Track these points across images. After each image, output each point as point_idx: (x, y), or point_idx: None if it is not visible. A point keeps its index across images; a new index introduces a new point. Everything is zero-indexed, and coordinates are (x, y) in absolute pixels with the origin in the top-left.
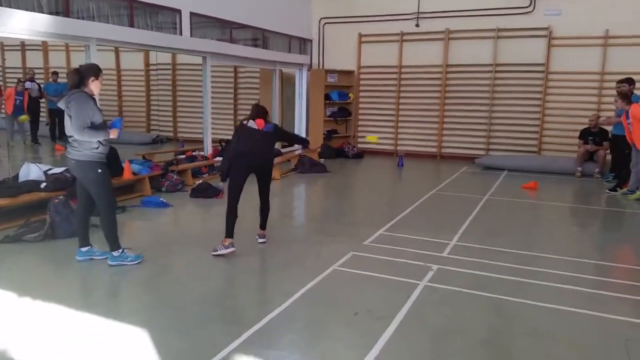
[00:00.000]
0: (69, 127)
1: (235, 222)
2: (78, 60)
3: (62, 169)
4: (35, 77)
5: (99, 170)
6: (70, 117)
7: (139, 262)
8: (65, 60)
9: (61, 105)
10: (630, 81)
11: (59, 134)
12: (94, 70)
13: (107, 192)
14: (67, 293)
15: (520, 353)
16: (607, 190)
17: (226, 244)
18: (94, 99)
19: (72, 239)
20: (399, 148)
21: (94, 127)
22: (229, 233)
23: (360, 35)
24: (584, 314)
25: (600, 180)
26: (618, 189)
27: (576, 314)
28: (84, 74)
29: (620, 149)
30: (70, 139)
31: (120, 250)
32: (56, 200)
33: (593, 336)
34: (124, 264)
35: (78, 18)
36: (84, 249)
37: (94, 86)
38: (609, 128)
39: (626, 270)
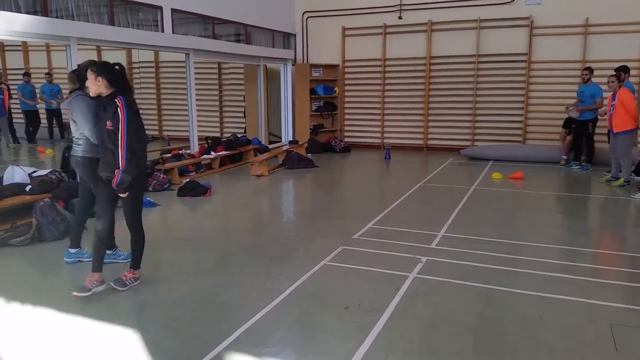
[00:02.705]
0: (74, 129)
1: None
2: (59, 60)
3: (47, 171)
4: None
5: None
6: (75, 122)
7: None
8: (47, 61)
9: (64, 106)
10: (625, 69)
11: (49, 135)
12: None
13: None
14: (56, 296)
15: (510, 341)
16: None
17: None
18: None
19: (59, 242)
20: (385, 141)
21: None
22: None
23: (344, 29)
24: (571, 300)
25: (573, 169)
26: (613, 178)
27: (563, 301)
28: (81, 74)
29: (582, 134)
30: (74, 138)
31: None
32: (42, 203)
33: (580, 322)
34: (115, 262)
35: (57, 17)
36: (72, 250)
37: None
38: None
39: (611, 256)
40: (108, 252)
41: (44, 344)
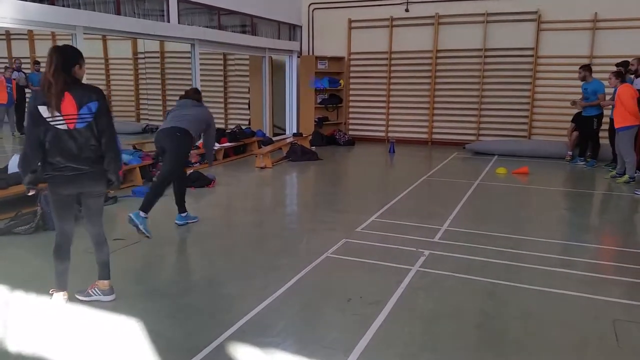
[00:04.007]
0: None
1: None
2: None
3: None
4: (22, 66)
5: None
6: None
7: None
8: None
9: None
10: (626, 64)
11: None
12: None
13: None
14: None
15: (512, 336)
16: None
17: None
18: None
19: None
20: (390, 134)
21: None
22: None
23: (350, 21)
24: (574, 295)
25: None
26: (618, 174)
27: (566, 296)
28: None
29: (587, 129)
30: None
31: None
32: (47, 192)
33: (583, 317)
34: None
35: (64, 6)
36: (183, 215)
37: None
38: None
39: (614, 252)
40: (182, 215)
41: (47, 332)
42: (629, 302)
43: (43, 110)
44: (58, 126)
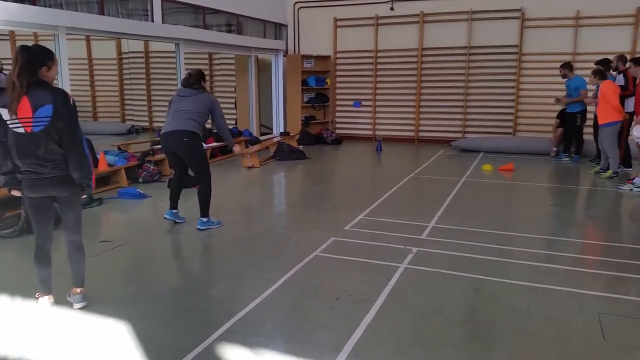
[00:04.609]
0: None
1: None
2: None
3: None
4: (3, 67)
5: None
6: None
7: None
8: None
9: None
10: (606, 62)
11: None
12: None
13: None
14: None
15: (499, 331)
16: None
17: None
18: None
19: None
20: (377, 133)
21: None
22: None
23: (336, 20)
24: (560, 290)
25: (567, 161)
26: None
27: (552, 291)
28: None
29: (571, 125)
30: None
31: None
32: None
33: (568, 312)
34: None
35: (46, 6)
36: (174, 211)
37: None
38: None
39: (599, 246)
40: (174, 211)
41: (33, 336)
42: (614, 295)
43: (4, 112)
44: (16, 129)
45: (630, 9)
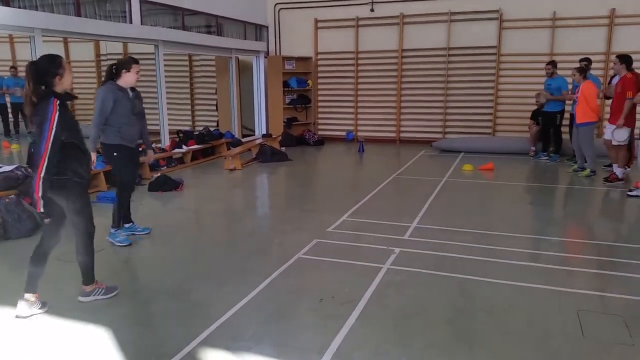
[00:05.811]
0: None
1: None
2: (23, 52)
3: (13, 166)
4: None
5: (115, 154)
6: None
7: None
8: (10, 53)
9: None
10: (588, 60)
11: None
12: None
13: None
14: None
15: (481, 330)
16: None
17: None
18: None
19: (26, 239)
20: (359, 134)
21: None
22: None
23: (317, 21)
24: (540, 288)
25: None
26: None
27: (532, 289)
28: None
29: (550, 124)
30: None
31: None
32: (7, 200)
33: (548, 309)
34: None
35: (20, 7)
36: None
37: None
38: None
39: (578, 244)
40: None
41: (11, 343)
42: (592, 292)
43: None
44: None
45: (604, 10)
